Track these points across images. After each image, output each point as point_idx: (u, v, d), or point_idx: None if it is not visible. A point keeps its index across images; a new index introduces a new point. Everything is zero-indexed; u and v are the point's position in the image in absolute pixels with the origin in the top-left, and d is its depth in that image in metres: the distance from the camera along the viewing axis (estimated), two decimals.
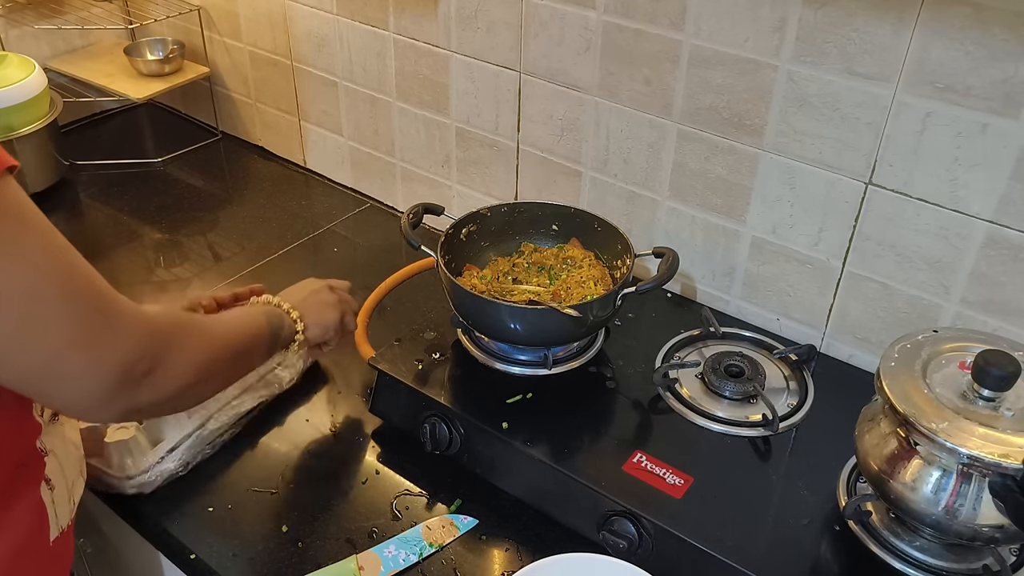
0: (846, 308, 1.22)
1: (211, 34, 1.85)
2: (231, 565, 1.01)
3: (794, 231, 1.21)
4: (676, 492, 1.00)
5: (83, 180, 1.79)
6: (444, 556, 1.02)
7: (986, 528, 0.85)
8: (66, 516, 0.93)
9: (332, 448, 1.17)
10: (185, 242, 1.62)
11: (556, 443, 1.06)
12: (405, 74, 1.55)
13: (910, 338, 0.94)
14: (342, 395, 1.26)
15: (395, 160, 1.67)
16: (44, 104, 1.68)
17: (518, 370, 1.17)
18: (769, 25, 1.10)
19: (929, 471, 0.87)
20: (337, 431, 1.20)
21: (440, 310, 1.27)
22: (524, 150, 1.46)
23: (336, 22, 1.60)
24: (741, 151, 1.21)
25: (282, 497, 1.10)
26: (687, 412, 1.12)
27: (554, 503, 1.05)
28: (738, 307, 1.33)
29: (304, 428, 1.20)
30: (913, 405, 0.86)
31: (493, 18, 1.36)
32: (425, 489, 1.11)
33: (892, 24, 1.01)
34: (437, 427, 1.11)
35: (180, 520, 1.06)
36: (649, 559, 0.96)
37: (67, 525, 0.93)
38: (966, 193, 1.04)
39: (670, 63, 1.21)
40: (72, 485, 0.94)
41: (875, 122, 1.07)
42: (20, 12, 1.82)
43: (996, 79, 0.97)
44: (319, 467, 1.14)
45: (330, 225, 1.67)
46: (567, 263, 1.26)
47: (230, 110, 1.94)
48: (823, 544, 0.97)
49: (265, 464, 1.14)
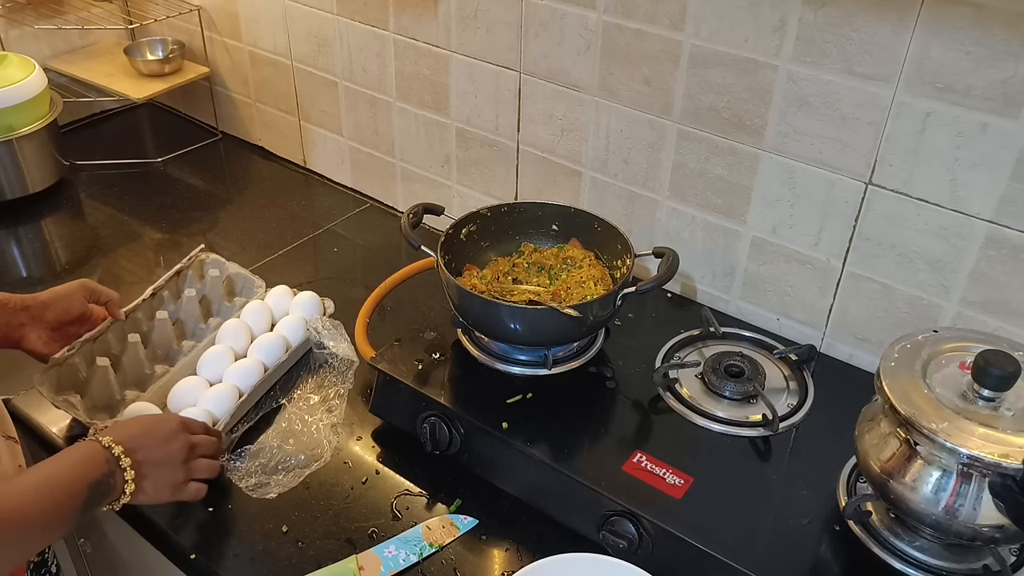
0: (846, 308, 1.22)
1: (211, 34, 1.85)
2: (231, 565, 1.01)
3: (794, 231, 1.21)
4: (676, 492, 1.00)
5: (83, 180, 1.79)
6: (444, 556, 1.02)
7: (986, 528, 0.85)
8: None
9: (338, 430, 1.17)
10: (185, 242, 1.61)
11: (556, 443, 1.06)
12: (405, 74, 1.55)
13: (910, 338, 0.94)
14: (342, 395, 1.26)
15: (395, 160, 1.67)
16: (44, 104, 1.68)
17: (518, 370, 1.17)
18: (769, 25, 1.10)
19: (929, 471, 0.87)
20: (337, 431, 1.20)
21: (440, 310, 1.27)
22: (524, 150, 1.46)
23: (336, 22, 1.60)
24: (741, 151, 1.21)
25: (282, 497, 1.10)
26: (687, 412, 1.12)
27: (554, 503, 1.05)
28: (738, 307, 1.33)
29: (304, 428, 1.20)
30: (913, 405, 0.86)
31: (493, 18, 1.36)
32: (425, 489, 1.11)
33: (892, 24, 1.01)
34: (437, 427, 1.11)
35: (180, 520, 1.06)
36: (649, 559, 0.96)
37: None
38: (966, 193, 1.04)
39: (670, 63, 1.21)
40: None
41: (875, 122, 1.07)
42: (20, 12, 1.82)
43: (996, 79, 0.97)
44: (319, 467, 1.14)
45: (330, 225, 1.67)
46: (567, 263, 1.26)
47: (230, 110, 1.94)
48: (823, 544, 0.97)
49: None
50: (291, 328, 1.28)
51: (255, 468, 1.12)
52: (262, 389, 1.22)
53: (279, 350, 1.25)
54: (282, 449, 1.15)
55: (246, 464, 1.12)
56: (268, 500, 1.08)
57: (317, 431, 1.17)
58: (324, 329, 1.25)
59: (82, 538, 1.32)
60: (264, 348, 1.24)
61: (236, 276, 1.38)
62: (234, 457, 1.13)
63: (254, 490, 1.09)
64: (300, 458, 1.13)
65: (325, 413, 1.20)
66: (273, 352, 1.24)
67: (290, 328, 1.28)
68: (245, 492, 1.09)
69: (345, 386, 1.22)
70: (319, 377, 1.26)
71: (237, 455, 1.13)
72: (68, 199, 1.73)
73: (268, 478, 1.10)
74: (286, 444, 1.16)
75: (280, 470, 1.12)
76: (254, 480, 1.10)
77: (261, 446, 1.15)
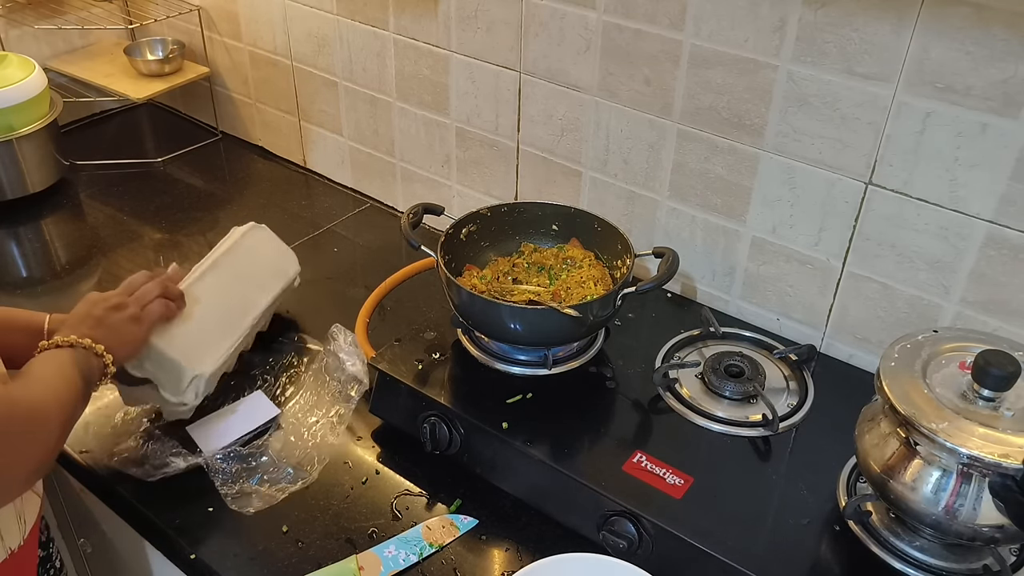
0: (846, 308, 1.22)
1: (211, 34, 1.85)
2: (231, 565, 1.01)
3: (794, 231, 1.21)
4: (676, 492, 1.00)
5: (83, 180, 1.79)
6: (444, 556, 1.02)
7: (986, 528, 0.85)
8: (16, 536, 0.92)
9: (332, 448, 1.17)
10: (185, 242, 1.61)
11: (556, 443, 1.06)
12: (405, 74, 1.55)
13: (910, 338, 0.94)
14: (342, 395, 1.26)
15: (395, 160, 1.67)
16: (44, 104, 1.68)
17: (518, 370, 1.17)
18: (769, 25, 1.10)
19: (929, 471, 0.87)
20: (337, 431, 1.20)
21: (440, 310, 1.27)
22: (524, 150, 1.46)
23: (336, 22, 1.60)
24: (741, 151, 1.21)
25: (282, 497, 1.10)
26: (687, 412, 1.12)
27: (554, 503, 1.05)
28: (738, 307, 1.33)
29: (298, 441, 1.20)
30: (913, 405, 0.86)
31: (493, 18, 1.36)
32: (425, 489, 1.11)
33: (892, 24, 1.01)
34: (437, 427, 1.11)
35: (180, 520, 1.06)
36: (649, 559, 0.96)
37: (17, 546, 0.92)
38: (966, 193, 1.05)
39: (670, 63, 1.21)
40: (23, 503, 0.94)
41: (875, 122, 1.07)
42: (20, 12, 1.82)
43: (996, 79, 0.97)
44: (303, 486, 1.13)
45: (330, 225, 1.67)
46: (567, 263, 1.26)
47: (230, 110, 1.94)
48: (823, 544, 0.97)
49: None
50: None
51: (240, 473, 1.11)
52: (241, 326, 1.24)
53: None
54: (272, 461, 1.13)
55: (232, 467, 1.11)
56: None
57: (313, 447, 1.16)
58: (346, 345, 1.25)
59: (82, 538, 1.32)
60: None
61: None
62: (221, 458, 1.12)
63: (233, 500, 1.07)
64: (288, 472, 1.12)
65: (326, 428, 1.18)
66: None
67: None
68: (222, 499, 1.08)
69: (348, 406, 1.20)
70: (324, 390, 1.24)
71: (226, 456, 1.12)
72: (68, 199, 1.73)
73: (252, 488, 1.09)
74: (278, 456, 1.14)
75: (266, 481, 1.10)
76: (236, 488, 1.09)
77: (253, 450, 1.14)
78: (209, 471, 1.10)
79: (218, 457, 1.12)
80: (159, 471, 1.10)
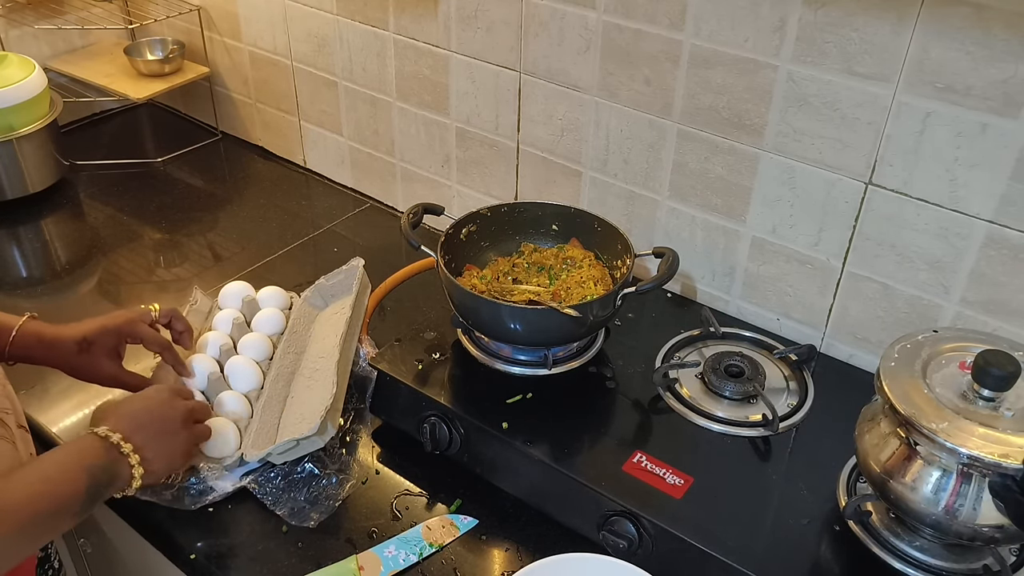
0: (846, 308, 1.22)
1: (211, 34, 1.85)
2: (231, 565, 1.01)
3: (794, 231, 1.21)
4: (676, 492, 1.00)
5: (83, 180, 1.79)
6: (444, 556, 1.03)
7: (986, 528, 0.85)
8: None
9: (332, 448, 1.17)
10: (185, 242, 1.62)
11: (556, 443, 1.06)
12: (405, 74, 1.55)
13: (910, 338, 0.94)
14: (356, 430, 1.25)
15: (395, 160, 1.67)
16: (44, 104, 1.68)
17: (518, 370, 1.17)
18: (769, 25, 1.10)
19: (929, 471, 0.87)
20: (337, 431, 1.19)
21: (440, 310, 1.27)
22: (524, 150, 1.46)
23: (336, 22, 1.60)
24: (741, 151, 1.21)
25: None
26: (687, 412, 1.12)
27: (554, 503, 1.05)
28: (738, 307, 1.33)
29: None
30: (913, 405, 0.86)
31: (493, 18, 1.36)
32: (425, 489, 1.11)
33: (892, 24, 1.01)
34: (437, 427, 1.11)
35: (180, 520, 1.06)
36: (649, 559, 0.96)
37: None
38: (966, 193, 1.05)
39: (670, 63, 1.21)
40: None
41: (875, 122, 1.07)
42: (20, 12, 1.82)
43: (996, 79, 0.97)
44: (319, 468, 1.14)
45: (330, 225, 1.67)
46: (567, 263, 1.26)
47: (230, 110, 1.94)
48: (823, 544, 0.97)
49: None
50: (270, 322, 1.31)
51: (283, 487, 1.09)
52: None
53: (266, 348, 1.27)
54: (313, 474, 1.11)
55: (274, 484, 1.09)
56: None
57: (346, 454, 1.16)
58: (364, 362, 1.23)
59: (82, 538, 1.32)
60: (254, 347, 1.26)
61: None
62: (260, 475, 1.09)
63: (292, 516, 1.05)
64: (332, 481, 1.11)
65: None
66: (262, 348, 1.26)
67: (269, 322, 1.31)
68: (272, 512, 1.06)
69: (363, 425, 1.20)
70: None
71: (260, 474, 1.10)
72: (68, 199, 1.73)
73: (307, 504, 1.07)
74: (318, 468, 1.12)
75: (316, 499, 1.08)
76: (288, 508, 1.07)
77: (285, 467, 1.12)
78: (257, 493, 1.08)
79: (260, 477, 1.10)
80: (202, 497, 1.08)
